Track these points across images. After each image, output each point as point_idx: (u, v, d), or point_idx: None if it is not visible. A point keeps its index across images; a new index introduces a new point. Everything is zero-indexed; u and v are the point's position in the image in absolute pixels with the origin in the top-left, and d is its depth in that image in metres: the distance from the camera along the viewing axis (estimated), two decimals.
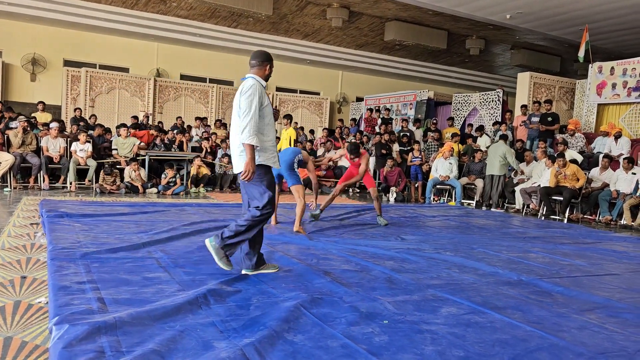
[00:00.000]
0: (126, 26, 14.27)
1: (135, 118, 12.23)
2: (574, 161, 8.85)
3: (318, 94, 18.14)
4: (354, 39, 16.22)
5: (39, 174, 8.82)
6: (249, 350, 2.25)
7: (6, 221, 5.46)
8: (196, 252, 4.21)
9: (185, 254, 4.14)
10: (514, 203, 9.60)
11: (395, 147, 11.86)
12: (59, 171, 9.08)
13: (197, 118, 13.44)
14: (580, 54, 11.54)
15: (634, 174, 8.28)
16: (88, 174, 9.07)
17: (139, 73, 15.21)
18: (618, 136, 9.77)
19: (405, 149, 11.92)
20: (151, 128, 11.70)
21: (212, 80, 16.53)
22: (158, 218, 5.98)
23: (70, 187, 8.81)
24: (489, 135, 11.75)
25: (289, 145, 9.38)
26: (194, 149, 11.38)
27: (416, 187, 10.77)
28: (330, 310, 2.89)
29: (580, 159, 9.30)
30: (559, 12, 12.43)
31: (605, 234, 7.06)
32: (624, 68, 10.88)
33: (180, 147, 11.07)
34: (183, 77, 16.18)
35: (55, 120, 10.14)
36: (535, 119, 10.87)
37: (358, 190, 11.49)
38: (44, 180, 8.75)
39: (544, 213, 8.76)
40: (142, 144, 10.02)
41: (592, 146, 10.29)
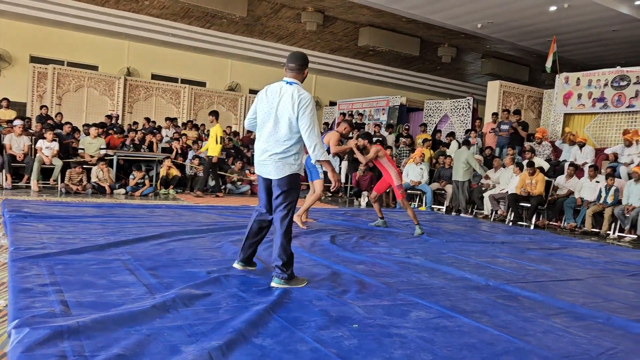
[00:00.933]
0: (96, 23, 14.00)
1: (109, 118, 11.99)
2: (540, 169, 9.06)
3: None
4: (328, 44, 16.29)
5: (1, 173, 8.55)
6: (216, 354, 2.21)
7: None
8: (165, 255, 4.14)
9: (154, 257, 4.05)
10: (483, 209, 9.77)
11: None
12: (22, 170, 8.82)
13: (168, 119, 13.25)
14: (548, 64, 11.84)
15: (598, 182, 8.53)
16: (53, 173, 8.83)
17: (108, 71, 14.92)
18: (582, 145, 10.05)
19: None
20: (120, 130, 11.47)
21: (184, 81, 16.34)
22: (126, 220, 5.86)
23: (33, 187, 8.56)
24: (459, 142, 11.93)
25: (215, 144, 9.21)
26: (164, 150, 11.21)
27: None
28: (300, 314, 2.88)
29: (547, 166, 9.53)
30: (528, 24, 12.76)
31: (570, 240, 7.23)
32: (589, 79, 11.20)
33: (150, 148, 10.89)
34: (154, 77, 15.95)
35: (19, 117, 9.83)
36: (504, 127, 11.09)
37: (330, 194, 11.50)
38: (6, 179, 8.48)
39: (512, 219, 8.94)
40: (105, 151, 9.63)
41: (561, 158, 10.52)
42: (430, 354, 2.44)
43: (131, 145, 10.39)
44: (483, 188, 9.86)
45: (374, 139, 12.52)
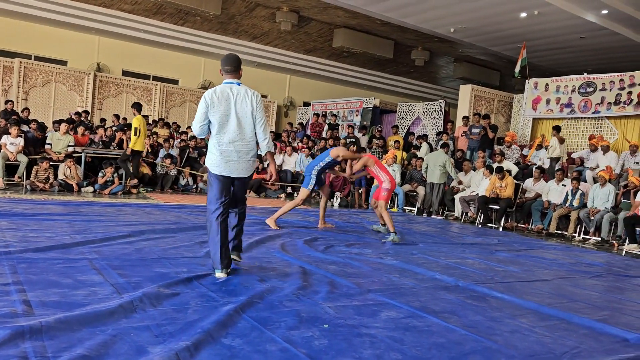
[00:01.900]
0: (66, 17, 13.65)
1: (78, 115, 11.69)
2: (509, 172, 9.24)
3: (265, 97, 18.03)
4: (302, 44, 16.27)
5: None
6: (184, 354, 2.18)
7: None
8: (134, 254, 4.06)
9: (122, 256, 3.97)
10: (453, 211, 9.90)
11: None
12: None
13: (115, 115, 12.90)
14: (517, 69, 12.10)
15: (564, 185, 8.74)
16: (18, 169, 8.58)
17: (77, 67, 14.57)
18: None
19: None
20: (89, 127, 11.19)
21: (156, 78, 16.09)
22: (93, 218, 5.73)
23: None
24: (430, 144, 12.07)
25: (134, 135, 8.91)
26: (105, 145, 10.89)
27: (360, 193, 10.89)
28: (270, 315, 2.86)
29: (515, 169, 9.72)
30: (499, 29, 13.00)
31: (537, 242, 7.40)
32: (558, 85, 11.49)
33: (119, 145, 10.67)
34: (125, 73, 15.64)
35: None
36: (475, 130, 11.27)
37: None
38: None
39: (481, 221, 9.08)
40: (73, 148, 9.37)
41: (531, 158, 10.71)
42: (400, 353, 2.46)
43: (100, 143, 10.17)
44: (454, 190, 10.00)
45: (348, 140, 12.61)
